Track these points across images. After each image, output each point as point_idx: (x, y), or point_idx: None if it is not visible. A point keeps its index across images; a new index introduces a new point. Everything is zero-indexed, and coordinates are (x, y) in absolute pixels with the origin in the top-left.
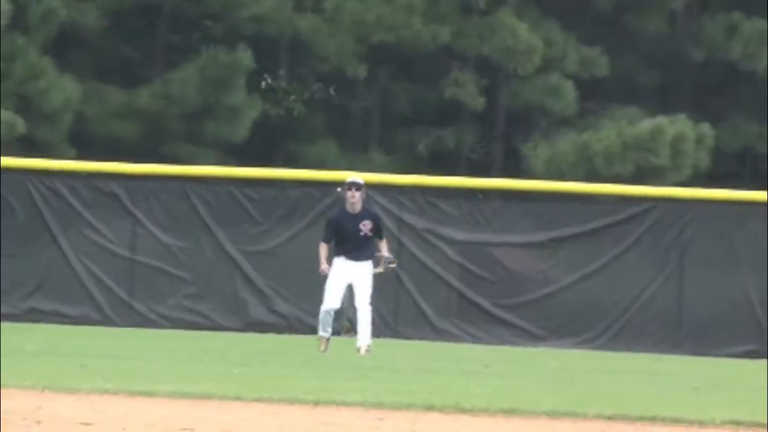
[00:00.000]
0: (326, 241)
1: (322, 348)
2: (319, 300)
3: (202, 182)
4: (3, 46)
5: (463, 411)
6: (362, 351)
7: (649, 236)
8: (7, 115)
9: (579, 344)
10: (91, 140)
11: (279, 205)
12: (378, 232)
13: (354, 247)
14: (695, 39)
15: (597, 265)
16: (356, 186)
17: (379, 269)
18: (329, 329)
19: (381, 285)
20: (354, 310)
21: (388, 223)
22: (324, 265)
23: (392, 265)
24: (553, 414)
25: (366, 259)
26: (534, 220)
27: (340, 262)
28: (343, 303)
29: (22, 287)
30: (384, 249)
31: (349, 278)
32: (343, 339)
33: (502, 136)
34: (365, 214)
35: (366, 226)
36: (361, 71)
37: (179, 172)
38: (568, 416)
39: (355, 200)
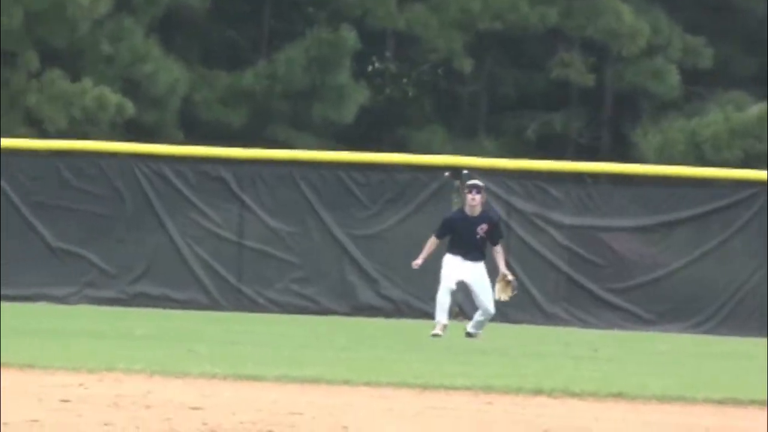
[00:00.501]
0: (438, 237)
1: (437, 331)
2: (427, 284)
3: (310, 166)
4: (109, 27)
5: (572, 395)
6: (469, 329)
7: (758, 220)
8: (116, 98)
9: (688, 328)
10: (197, 124)
11: (386, 189)
12: (494, 235)
13: (468, 249)
14: None
15: (706, 249)
16: (477, 189)
17: (505, 296)
18: (446, 314)
19: (490, 270)
20: (463, 296)
21: (497, 207)
22: (420, 260)
23: (515, 293)
24: (663, 398)
25: (480, 260)
26: (643, 205)
27: (454, 259)
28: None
29: (131, 272)
30: (501, 258)
31: (462, 276)
32: (451, 323)
33: (610, 120)
34: (483, 217)
35: (482, 230)
36: (467, 65)
37: (287, 156)
38: (677, 400)
39: (475, 203)
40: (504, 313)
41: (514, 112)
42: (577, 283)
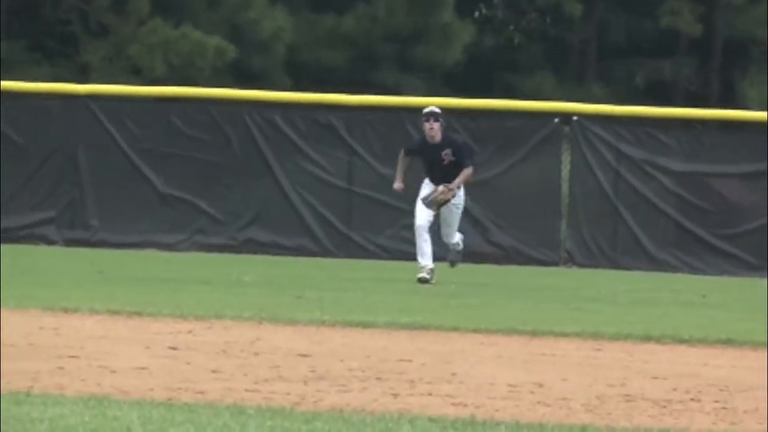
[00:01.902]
0: (406, 153)
1: (424, 275)
2: (537, 230)
3: (419, 112)
4: None
5: (681, 341)
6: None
7: None
8: (214, 41)
9: None
10: (302, 69)
11: (496, 136)
12: (462, 158)
13: (439, 176)
14: None
15: None
16: (434, 116)
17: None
18: (428, 257)
19: (599, 216)
20: (573, 242)
21: (607, 154)
22: (398, 183)
23: (442, 203)
24: None
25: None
26: (751, 151)
27: (428, 184)
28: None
29: (240, 218)
30: (459, 176)
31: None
32: (561, 270)
33: (719, 68)
34: (446, 143)
35: (447, 155)
36: (576, 9)
37: (396, 102)
38: None
39: (433, 132)
40: (613, 259)
41: (624, 59)
42: (685, 229)
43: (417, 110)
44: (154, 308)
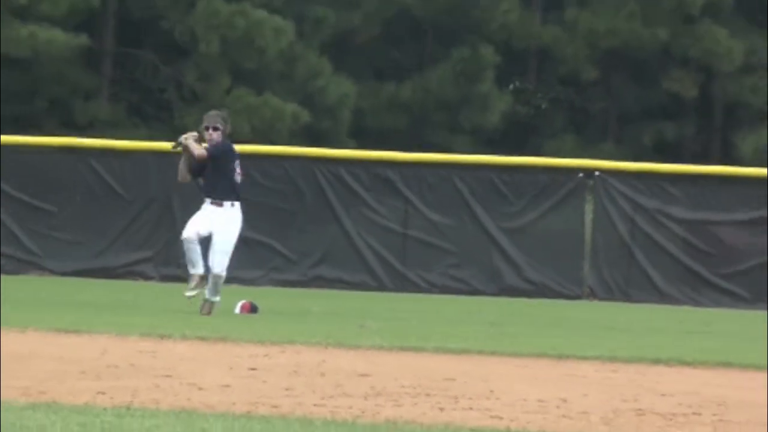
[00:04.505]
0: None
1: (192, 285)
2: (565, 268)
3: (465, 168)
4: (288, 52)
5: (686, 364)
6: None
7: None
8: (291, 107)
9: None
10: (365, 130)
11: (529, 188)
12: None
13: (213, 187)
14: None
15: None
16: (214, 126)
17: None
18: (198, 266)
19: (617, 257)
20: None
21: (624, 205)
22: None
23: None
24: (763, 367)
25: (228, 200)
26: (745, 201)
27: (206, 204)
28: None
29: (310, 258)
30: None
31: (210, 225)
32: (584, 303)
33: (719, 128)
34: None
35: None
36: (593, 74)
37: (446, 159)
38: None
39: (213, 142)
40: (627, 293)
41: (635, 124)
42: (690, 268)
43: (462, 166)
44: (236, 335)
